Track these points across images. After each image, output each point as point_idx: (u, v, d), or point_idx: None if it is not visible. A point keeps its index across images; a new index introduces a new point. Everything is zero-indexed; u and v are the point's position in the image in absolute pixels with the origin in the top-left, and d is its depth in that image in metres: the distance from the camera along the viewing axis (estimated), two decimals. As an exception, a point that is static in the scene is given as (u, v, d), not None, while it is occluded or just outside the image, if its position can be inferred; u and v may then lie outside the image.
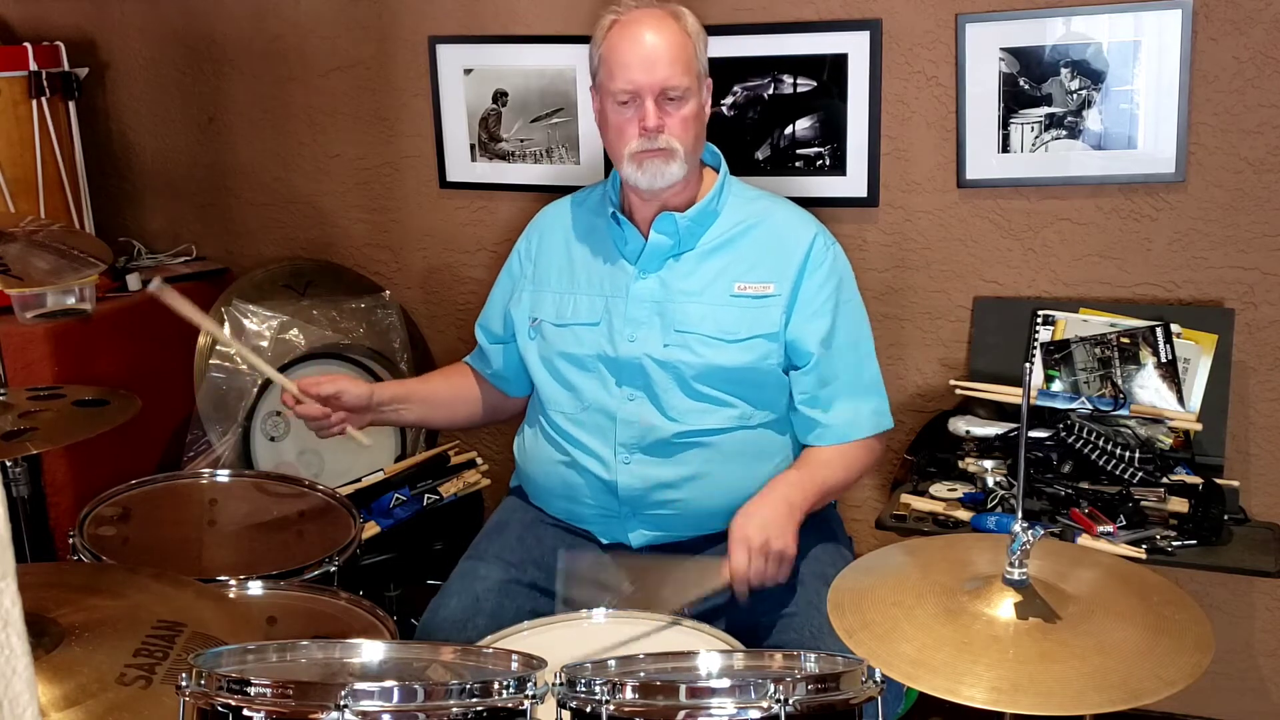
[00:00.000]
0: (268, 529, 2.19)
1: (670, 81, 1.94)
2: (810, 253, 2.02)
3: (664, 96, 1.95)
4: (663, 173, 1.97)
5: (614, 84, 1.96)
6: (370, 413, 2.13)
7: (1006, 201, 2.52)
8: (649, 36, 1.95)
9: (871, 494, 2.73)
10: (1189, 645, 1.34)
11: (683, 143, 1.96)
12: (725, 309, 2.00)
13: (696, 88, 1.98)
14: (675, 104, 1.95)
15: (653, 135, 1.95)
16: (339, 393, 2.08)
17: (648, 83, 1.94)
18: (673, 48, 1.95)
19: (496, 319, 2.24)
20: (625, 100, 1.96)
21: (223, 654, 1.35)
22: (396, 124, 2.98)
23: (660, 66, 1.93)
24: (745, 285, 2.01)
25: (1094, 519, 2.08)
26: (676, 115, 1.96)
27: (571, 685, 1.34)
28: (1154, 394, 2.32)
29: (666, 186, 1.99)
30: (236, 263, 3.20)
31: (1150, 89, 2.37)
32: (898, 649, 1.33)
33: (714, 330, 2.00)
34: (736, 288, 2.01)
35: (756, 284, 2.01)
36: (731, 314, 2.00)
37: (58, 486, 2.66)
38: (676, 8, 2.01)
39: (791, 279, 2.01)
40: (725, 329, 1.99)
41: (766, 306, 2.00)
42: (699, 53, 1.99)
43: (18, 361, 2.60)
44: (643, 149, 1.96)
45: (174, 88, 3.17)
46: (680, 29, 1.98)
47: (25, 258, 2.21)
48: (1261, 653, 2.52)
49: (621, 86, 1.95)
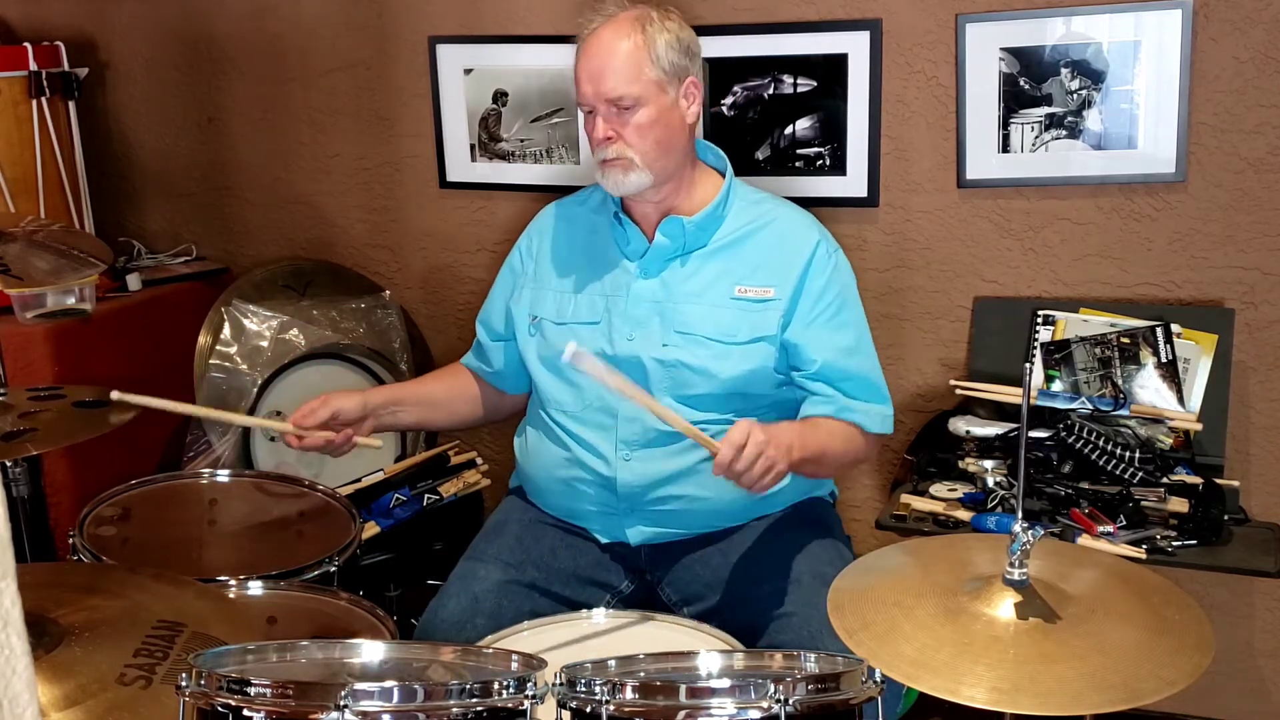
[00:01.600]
0: (268, 529, 2.19)
1: (614, 92, 1.95)
2: (813, 258, 2.02)
3: (614, 106, 1.96)
4: (621, 182, 1.99)
5: (577, 95, 2.02)
6: (369, 419, 2.13)
7: (1006, 201, 2.52)
8: (600, 48, 1.97)
9: (871, 494, 2.73)
10: (1189, 645, 1.34)
11: (639, 150, 1.97)
12: (725, 311, 2.01)
13: (653, 93, 1.96)
14: (629, 112, 1.96)
15: (604, 146, 1.97)
16: (335, 413, 2.07)
17: (593, 94, 1.97)
18: (620, 57, 1.95)
19: (497, 316, 2.24)
20: (588, 111, 2.00)
21: (223, 654, 1.36)
22: (396, 124, 2.98)
23: (605, 78, 1.95)
24: (746, 288, 2.02)
25: (1094, 519, 2.08)
26: (630, 124, 1.96)
27: (571, 685, 1.34)
28: (1154, 394, 2.32)
29: (630, 194, 2.01)
30: (236, 263, 3.20)
31: (1150, 89, 2.37)
32: (898, 649, 1.33)
33: (714, 332, 2.00)
34: (737, 290, 2.02)
35: (757, 287, 2.01)
36: (732, 316, 2.00)
37: (58, 486, 2.66)
38: (647, 13, 2.00)
39: (793, 284, 2.01)
40: (725, 331, 2.00)
41: (766, 310, 2.00)
42: (656, 57, 1.96)
43: (18, 361, 2.60)
44: (600, 159, 2.00)
45: (174, 87, 3.17)
46: (636, 36, 1.96)
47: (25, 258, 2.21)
48: (1261, 653, 2.52)
49: (578, 100, 2.01)
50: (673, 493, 2.00)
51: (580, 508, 2.08)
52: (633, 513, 2.03)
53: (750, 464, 1.72)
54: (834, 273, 2.04)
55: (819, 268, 2.02)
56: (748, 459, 1.71)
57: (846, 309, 2.05)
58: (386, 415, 2.17)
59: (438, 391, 2.28)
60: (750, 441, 1.71)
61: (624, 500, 2.02)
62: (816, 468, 1.98)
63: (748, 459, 1.71)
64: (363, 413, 2.11)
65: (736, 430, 1.73)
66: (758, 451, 1.72)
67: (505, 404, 2.31)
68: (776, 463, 1.75)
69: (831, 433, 1.98)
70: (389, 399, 2.19)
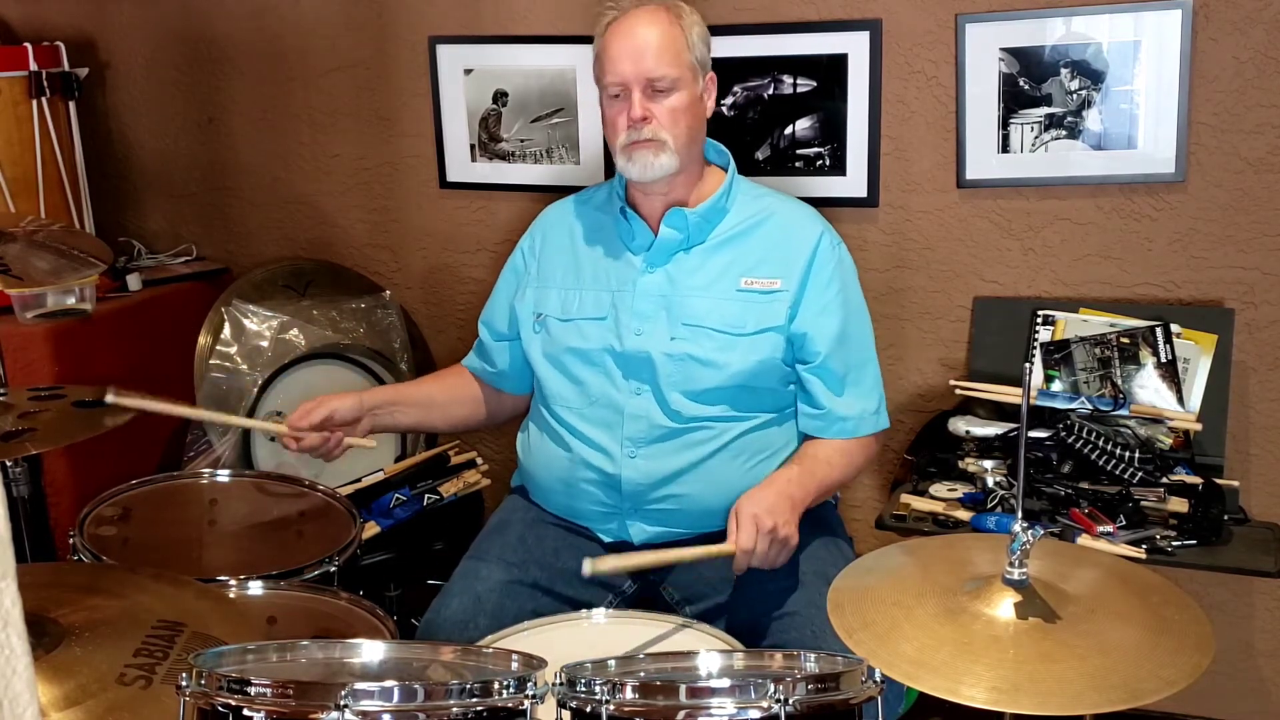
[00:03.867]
0: (268, 529, 2.19)
1: (655, 72, 1.95)
2: (818, 249, 2.04)
3: (651, 88, 1.96)
4: (651, 164, 1.98)
5: (605, 78, 2.00)
6: (365, 419, 2.13)
7: (1006, 201, 2.52)
8: (638, 30, 1.97)
9: (871, 494, 2.73)
10: (1189, 645, 1.34)
11: (672, 134, 1.97)
12: (732, 303, 2.01)
13: (688, 79, 1.99)
14: (663, 95, 1.97)
15: (639, 126, 1.97)
16: (330, 413, 2.07)
17: (633, 74, 1.96)
18: (660, 39, 1.96)
19: (501, 316, 2.24)
20: (616, 94, 1.99)
21: (223, 654, 1.35)
22: (396, 124, 2.98)
23: (646, 58, 1.95)
24: (752, 280, 2.02)
25: (1094, 519, 2.08)
26: (664, 106, 1.97)
27: (571, 685, 1.34)
28: (1154, 394, 2.32)
29: (658, 178, 2.00)
30: (236, 263, 3.20)
31: (1150, 89, 2.37)
32: (898, 649, 1.33)
33: (720, 324, 2.00)
34: (743, 282, 2.02)
35: (764, 279, 2.02)
36: (738, 308, 2.01)
37: (58, 486, 2.66)
38: (676, 3, 2.03)
39: (799, 275, 2.02)
40: (732, 323, 2.00)
41: (773, 301, 2.01)
42: (691, 44, 2.00)
43: (18, 361, 2.60)
44: (631, 140, 1.98)
45: (174, 88, 3.17)
46: (672, 21, 1.99)
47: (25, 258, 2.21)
48: (1261, 653, 2.52)
49: (610, 80, 1.99)
50: (676, 491, 2.01)
51: (583, 507, 2.08)
52: (636, 512, 2.03)
53: (766, 555, 1.81)
54: (838, 265, 2.06)
55: (824, 259, 2.04)
56: (762, 554, 1.81)
57: (850, 301, 2.06)
58: (384, 415, 2.17)
59: (436, 392, 2.28)
60: (759, 535, 1.80)
61: (627, 499, 2.02)
62: (823, 496, 2.02)
63: (762, 554, 1.81)
64: (359, 413, 2.11)
65: (742, 534, 1.80)
66: (768, 542, 1.81)
67: (506, 406, 2.31)
68: (791, 535, 1.84)
69: (830, 460, 2.01)
70: (386, 399, 2.19)
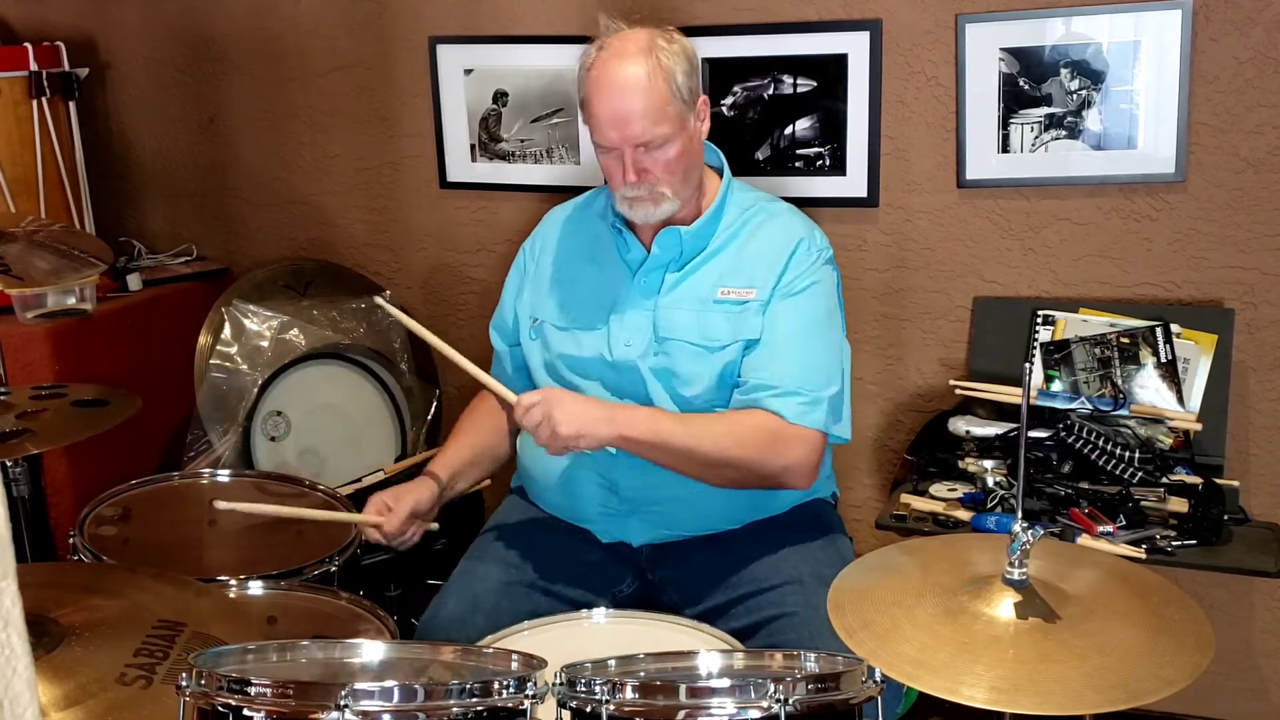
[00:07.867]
0: (268, 529, 2.18)
1: (644, 136, 1.90)
2: (794, 254, 2.00)
3: (642, 148, 1.92)
4: (652, 213, 1.97)
5: (594, 135, 1.96)
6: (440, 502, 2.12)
7: (1006, 201, 2.52)
8: (617, 87, 1.90)
9: (871, 494, 2.73)
10: (1189, 645, 1.34)
11: (670, 184, 1.95)
12: (710, 315, 2.00)
13: (679, 126, 1.93)
14: (658, 150, 1.93)
15: (635, 184, 1.94)
16: (415, 507, 2.04)
17: (621, 140, 1.91)
18: (644, 100, 1.89)
19: (510, 319, 2.23)
20: (608, 150, 1.96)
21: (223, 654, 1.35)
22: (396, 124, 2.98)
23: (632, 124, 1.90)
24: (728, 290, 2.00)
25: (1094, 519, 2.08)
26: (659, 158, 1.93)
27: (571, 685, 1.34)
28: (1154, 394, 2.32)
29: (659, 221, 2.00)
30: (236, 263, 3.20)
31: (1150, 89, 2.37)
32: (898, 649, 1.33)
33: (697, 337, 1.98)
34: (720, 293, 2.00)
35: (739, 289, 2.00)
36: (714, 319, 1.99)
37: (58, 486, 2.66)
38: (653, 38, 1.94)
39: (772, 282, 1.99)
40: (709, 335, 1.98)
41: (745, 311, 1.98)
42: (676, 90, 1.92)
43: (18, 361, 2.60)
44: (629, 195, 1.96)
45: (174, 88, 3.17)
46: (653, 71, 1.90)
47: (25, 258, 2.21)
48: (1261, 653, 2.52)
49: (599, 140, 1.95)
50: (675, 493, 2.00)
51: (582, 508, 2.08)
52: (634, 513, 2.03)
53: (535, 425, 1.84)
54: (811, 267, 2.00)
55: (798, 261, 1.99)
56: (532, 420, 1.84)
57: (814, 301, 1.99)
58: (449, 493, 2.15)
59: (476, 441, 2.21)
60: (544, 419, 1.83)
61: (626, 500, 2.02)
62: (663, 456, 1.91)
63: (532, 420, 1.84)
64: (437, 499, 2.10)
65: (535, 409, 1.84)
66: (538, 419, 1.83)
67: None
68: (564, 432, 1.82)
69: (703, 425, 1.91)
70: (451, 474, 2.14)
